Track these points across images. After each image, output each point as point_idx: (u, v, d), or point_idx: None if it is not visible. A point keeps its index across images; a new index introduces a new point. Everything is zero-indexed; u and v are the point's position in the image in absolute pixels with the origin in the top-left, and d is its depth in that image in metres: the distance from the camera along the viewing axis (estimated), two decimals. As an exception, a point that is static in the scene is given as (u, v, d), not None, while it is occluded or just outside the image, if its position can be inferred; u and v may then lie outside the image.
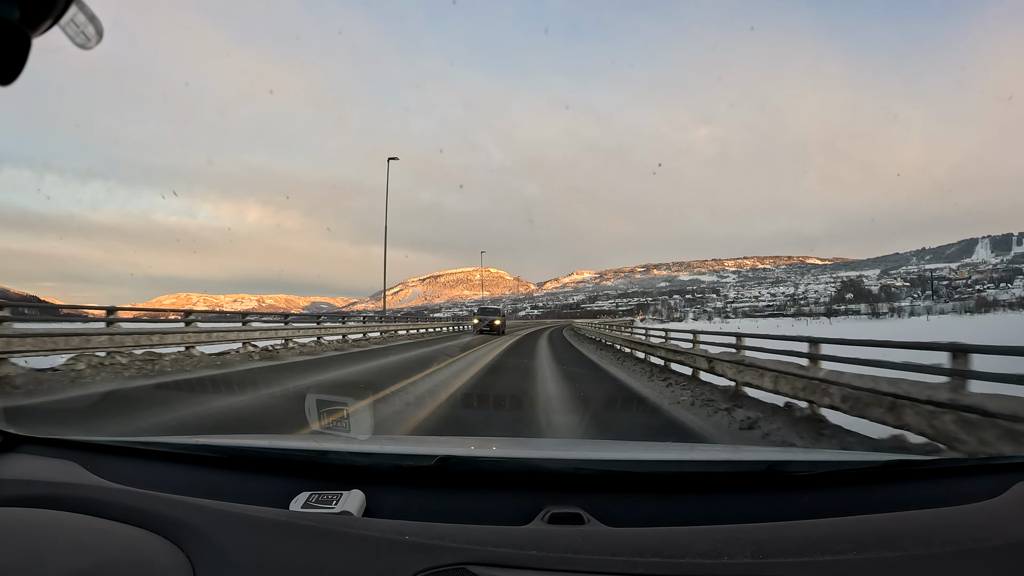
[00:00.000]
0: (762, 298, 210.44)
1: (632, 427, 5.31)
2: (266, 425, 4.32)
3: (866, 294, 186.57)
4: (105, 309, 9.20)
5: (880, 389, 4.22)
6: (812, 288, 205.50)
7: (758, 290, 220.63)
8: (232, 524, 0.97)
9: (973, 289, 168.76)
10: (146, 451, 1.42)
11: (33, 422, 1.56)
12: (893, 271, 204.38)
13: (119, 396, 5.94)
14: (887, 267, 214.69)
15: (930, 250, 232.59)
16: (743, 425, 5.20)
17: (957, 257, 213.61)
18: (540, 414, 5.23)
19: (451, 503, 1.16)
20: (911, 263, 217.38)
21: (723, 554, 0.88)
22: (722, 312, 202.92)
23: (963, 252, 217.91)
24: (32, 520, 1.00)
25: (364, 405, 1.80)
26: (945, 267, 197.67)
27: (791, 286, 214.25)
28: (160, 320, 12.91)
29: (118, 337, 8.84)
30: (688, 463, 1.44)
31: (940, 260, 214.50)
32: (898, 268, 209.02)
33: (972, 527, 0.97)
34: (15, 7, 0.61)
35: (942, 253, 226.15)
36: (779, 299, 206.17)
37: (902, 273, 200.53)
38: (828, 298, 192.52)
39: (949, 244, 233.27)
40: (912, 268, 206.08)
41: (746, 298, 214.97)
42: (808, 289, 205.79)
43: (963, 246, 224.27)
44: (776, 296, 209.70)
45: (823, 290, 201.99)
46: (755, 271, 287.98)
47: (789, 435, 4.77)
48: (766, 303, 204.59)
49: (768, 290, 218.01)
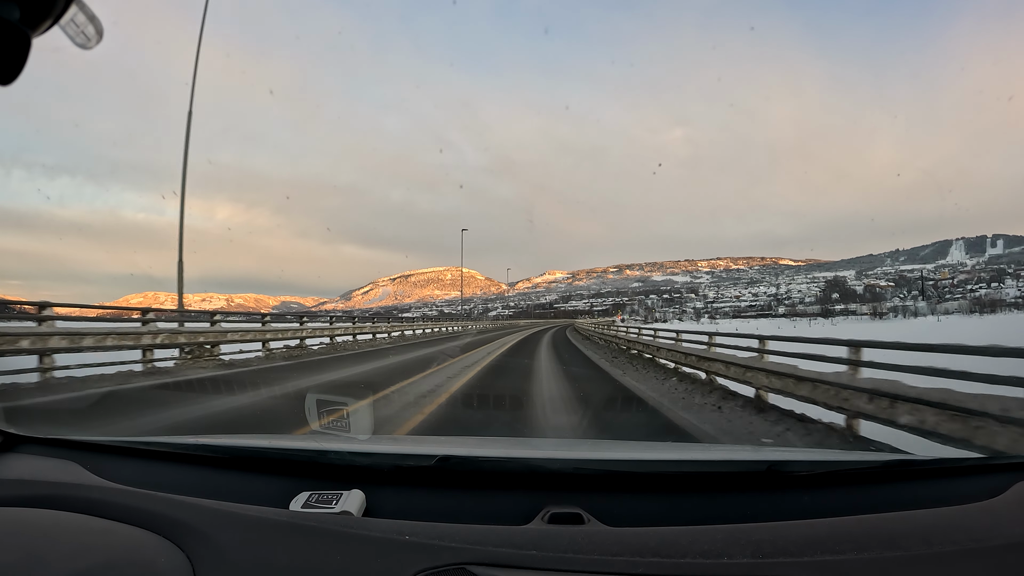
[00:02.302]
0: (744, 298, 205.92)
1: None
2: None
3: (851, 294, 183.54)
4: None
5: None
6: (796, 288, 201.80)
7: (738, 290, 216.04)
8: (232, 524, 0.97)
9: (965, 289, 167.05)
10: (146, 451, 1.43)
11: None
12: (869, 272, 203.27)
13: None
14: (862, 268, 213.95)
15: (904, 251, 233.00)
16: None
17: (932, 258, 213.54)
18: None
19: (451, 503, 1.17)
20: (886, 264, 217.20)
21: (723, 554, 0.88)
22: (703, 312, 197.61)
23: (938, 254, 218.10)
24: (32, 520, 1.01)
25: (364, 405, 1.78)
26: (921, 268, 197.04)
27: (771, 286, 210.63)
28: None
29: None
30: (688, 463, 1.43)
31: (915, 261, 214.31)
32: (873, 269, 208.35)
33: (972, 527, 0.97)
34: (15, 7, 0.61)
35: (916, 254, 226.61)
36: (762, 299, 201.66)
37: (878, 274, 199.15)
38: (813, 298, 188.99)
39: (923, 245, 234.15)
40: (888, 269, 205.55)
41: (727, 298, 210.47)
42: (791, 289, 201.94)
43: (937, 248, 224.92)
44: (759, 296, 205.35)
45: (807, 290, 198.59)
46: (729, 271, 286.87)
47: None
48: (748, 303, 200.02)
49: (749, 290, 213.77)
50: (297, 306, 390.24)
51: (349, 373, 9.04)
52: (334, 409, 1.53)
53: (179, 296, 13.08)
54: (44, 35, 0.65)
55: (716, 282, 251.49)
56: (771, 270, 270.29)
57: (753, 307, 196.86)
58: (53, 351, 7.22)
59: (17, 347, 6.86)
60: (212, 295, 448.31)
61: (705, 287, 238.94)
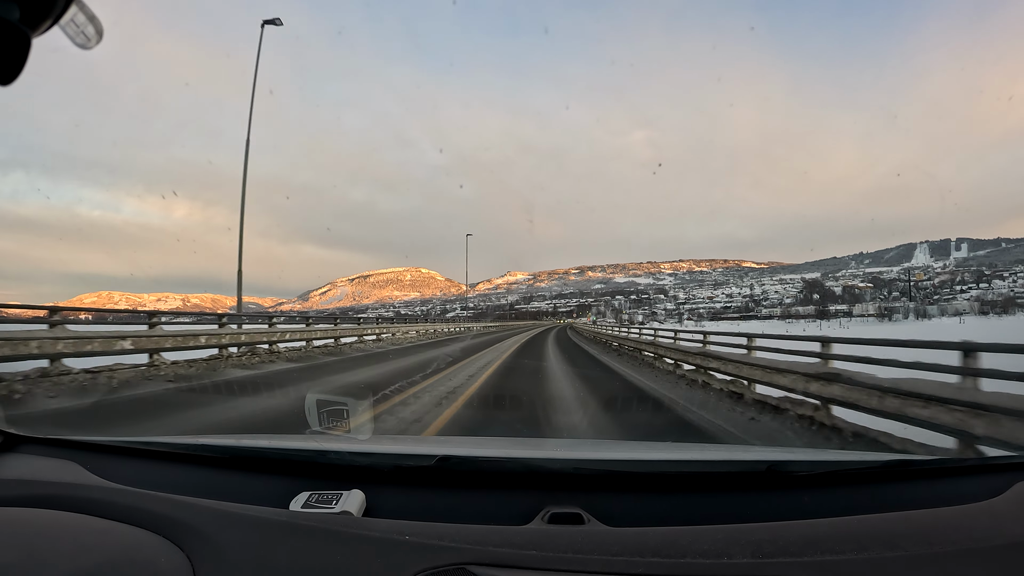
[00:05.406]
0: (717, 299, 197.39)
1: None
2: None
3: (831, 295, 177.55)
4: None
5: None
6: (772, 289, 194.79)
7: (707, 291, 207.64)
8: (232, 524, 0.97)
9: (952, 289, 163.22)
10: (146, 451, 1.42)
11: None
12: (836, 274, 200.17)
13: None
14: (827, 270, 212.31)
15: (869, 254, 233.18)
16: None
17: (897, 261, 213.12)
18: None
19: (451, 503, 1.16)
20: (850, 267, 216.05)
21: (723, 554, 0.88)
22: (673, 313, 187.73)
23: (902, 257, 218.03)
24: (32, 520, 1.00)
25: (364, 404, 1.70)
26: (887, 270, 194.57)
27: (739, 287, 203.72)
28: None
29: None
30: (688, 463, 1.42)
31: (880, 264, 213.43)
32: (839, 271, 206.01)
33: (972, 527, 0.97)
34: (15, 7, 0.60)
35: (881, 257, 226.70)
36: (737, 300, 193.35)
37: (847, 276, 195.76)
38: (792, 299, 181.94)
39: (888, 248, 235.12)
40: (854, 271, 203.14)
41: (698, 299, 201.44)
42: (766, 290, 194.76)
43: (902, 251, 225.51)
44: (733, 297, 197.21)
45: (784, 291, 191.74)
46: (692, 273, 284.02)
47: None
48: (723, 304, 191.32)
49: (722, 291, 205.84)
50: (255, 306, 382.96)
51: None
52: (334, 409, 1.55)
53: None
54: (44, 35, 0.65)
55: (681, 284, 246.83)
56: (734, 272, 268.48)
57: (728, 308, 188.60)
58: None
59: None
60: (168, 295, 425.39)
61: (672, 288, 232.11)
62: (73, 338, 7.65)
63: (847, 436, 4.71)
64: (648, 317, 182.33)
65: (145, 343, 9.00)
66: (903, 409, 4.15)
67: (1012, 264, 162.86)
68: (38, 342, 7.17)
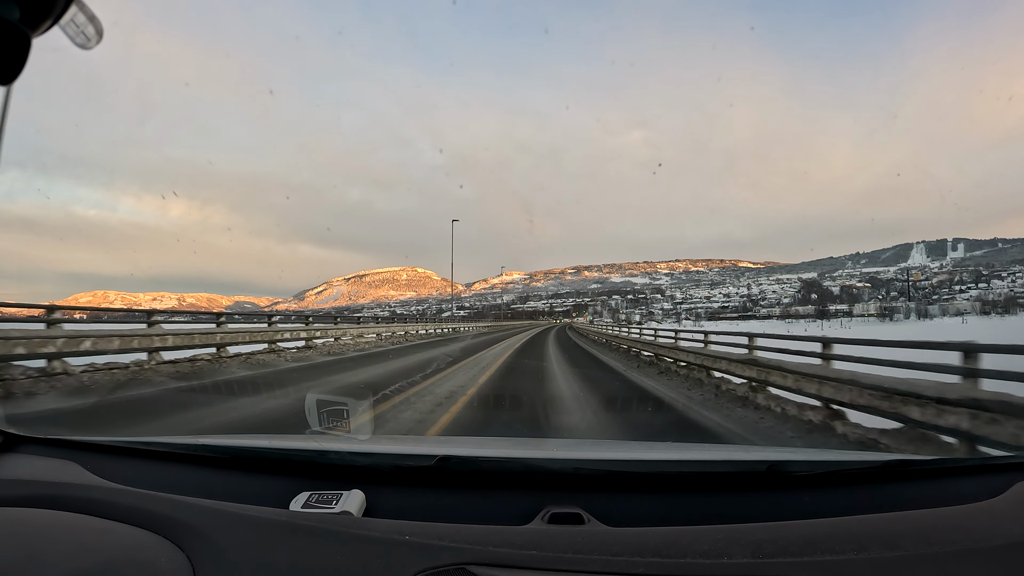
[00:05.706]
0: (714, 299, 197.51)
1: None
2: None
3: (829, 295, 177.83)
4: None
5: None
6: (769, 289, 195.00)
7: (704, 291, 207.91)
8: (232, 524, 0.97)
9: (951, 289, 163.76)
10: (146, 451, 1.42)
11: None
12: (832, 274, 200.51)
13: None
14: (824, 270, 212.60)
15: (865, 254, 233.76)
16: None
17: (893, 261, 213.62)
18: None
19: (451, 503, 1.17)
20: (847, 267, 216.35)
21: (723, 554, 0.88)
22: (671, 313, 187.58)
23: (899, 257, 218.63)
24: (32, 520, 1.01)
25: (364, 404, 1.70)
26: (884, 270, 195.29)
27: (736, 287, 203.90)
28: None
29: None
30: (688, 463, 1.42)
31: (876, 264, 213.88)
32: (835, 271, 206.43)
33: (972, 527, 0.97)
34: (15, 7, 0.61)
35: (877, 257, 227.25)
36: (735, 300, 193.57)
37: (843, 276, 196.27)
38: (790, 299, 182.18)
39: (884, 248, 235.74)
40: (851, 271, 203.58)
41: (695, 299, 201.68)
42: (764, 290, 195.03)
43: (898, 251, 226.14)
44: (730, 297, 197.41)
45: (781, 291, 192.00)
46: (688, 273, 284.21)
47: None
48: (720, 304, 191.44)
49: (719, 291, 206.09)
50: (251, 306, 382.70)
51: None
52: (334, 409, 1.55)
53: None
54: (44, 35, 0.65)
55: (677, 283, 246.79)
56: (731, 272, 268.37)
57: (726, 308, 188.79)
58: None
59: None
60: (164, 294, 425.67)
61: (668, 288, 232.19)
62: (72, 337, 7.63)
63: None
64: (645, 317, 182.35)
65: (144, 342, 9.01)
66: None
67: (1010, 264, 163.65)
68: (37, 341, 7.13)
